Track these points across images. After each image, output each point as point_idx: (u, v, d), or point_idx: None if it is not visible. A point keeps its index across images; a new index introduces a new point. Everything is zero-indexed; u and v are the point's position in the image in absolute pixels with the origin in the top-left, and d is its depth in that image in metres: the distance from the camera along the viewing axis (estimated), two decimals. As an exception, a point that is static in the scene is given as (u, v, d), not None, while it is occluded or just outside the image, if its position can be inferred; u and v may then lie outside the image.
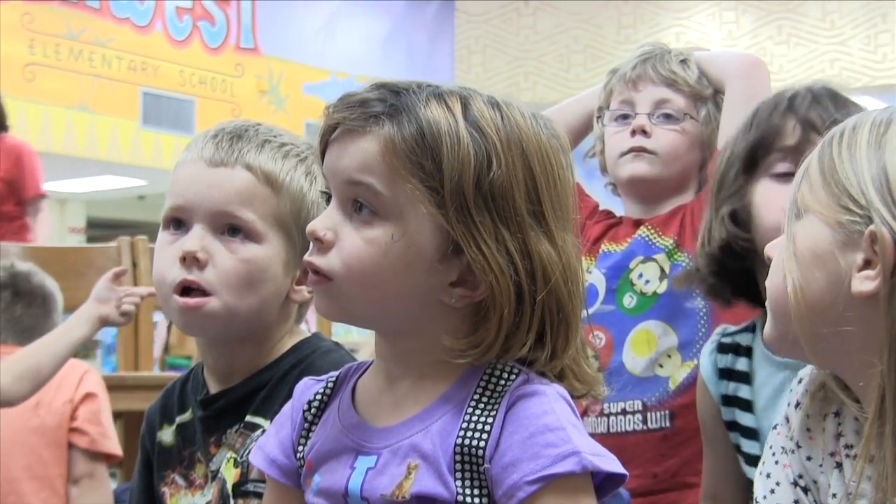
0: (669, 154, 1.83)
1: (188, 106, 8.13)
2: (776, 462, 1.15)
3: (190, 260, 1.29)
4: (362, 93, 1.02)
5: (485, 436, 0.97)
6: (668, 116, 1.85)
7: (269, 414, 1.30)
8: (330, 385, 1.11)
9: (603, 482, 0.98)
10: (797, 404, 1.15)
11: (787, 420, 1.15)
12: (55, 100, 7.38)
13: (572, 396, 1.03)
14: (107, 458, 2.57)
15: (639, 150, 1.83)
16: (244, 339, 1.35)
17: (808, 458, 1.12)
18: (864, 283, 0.99)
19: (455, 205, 0.98)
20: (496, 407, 0.99)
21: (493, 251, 0.98)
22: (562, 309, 1.01)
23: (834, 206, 1.01)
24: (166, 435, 1.42)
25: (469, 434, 0.98)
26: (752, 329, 1.50)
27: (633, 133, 1.84)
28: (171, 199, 1.34)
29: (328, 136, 1.04)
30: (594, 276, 1.82)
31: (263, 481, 1.29)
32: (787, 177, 1.39)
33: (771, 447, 1.16)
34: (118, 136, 7.75)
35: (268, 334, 1.36)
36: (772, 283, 1.08)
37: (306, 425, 1.09)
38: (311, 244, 1.03)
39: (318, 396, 1.10)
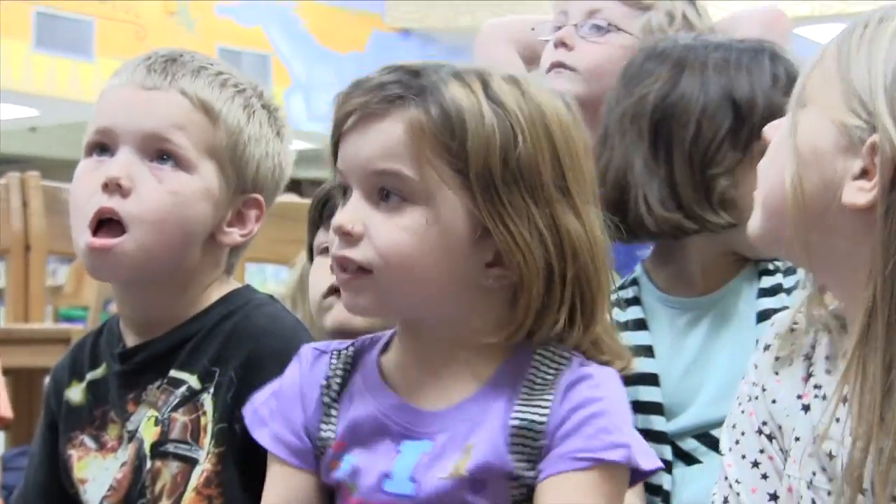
0: (592, 71, 1.75)
1: (86, 27, 7.97)
2: (742, 411, 1.16)
3: (112, 187, 1.27)
4: (378, 77, 1.07)
5: (544, 411, 1.05)
6: (597, 28, 1.77)
7: (196, 369, 1.30)
8: (348, 361, 1.15)
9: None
10: (766, 347, 1.16)
11: (756, 367, 1.16)
12: (-65, 18, 7.18)
13: None
14: (-6, 420, 2.51)
15: (558, 66, 1.77)
16: (163, 283, 1.32)
17: (773, 402, 1.13)
18: (858, 194, 0.99)
19: (482, 185, 1.04)
20: (553, 387, 1.06)
21: (520, 230, 1.05)
22: (589, 284, 1.08)
23: (842, 106, 1.00)
24: (75, 393, 1.39)
25: (528, 412, 1.06)
26: (630, 284, 1.50)
27: (556, 46, 1.78)
28: (95, 122, 1.32)
29: (342, 127, 1.08)
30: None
31: (184, 442, 1.30)
32: None
33: (738, 398, 1.18)
34: (8, 60, 7.56)
35: (191, 280, 1.34)
36: (770, 175, 1.08)
37: (327, 402, 1.13)
38: (338, 239, 1.07)
39: (339, 373, 1.14)
